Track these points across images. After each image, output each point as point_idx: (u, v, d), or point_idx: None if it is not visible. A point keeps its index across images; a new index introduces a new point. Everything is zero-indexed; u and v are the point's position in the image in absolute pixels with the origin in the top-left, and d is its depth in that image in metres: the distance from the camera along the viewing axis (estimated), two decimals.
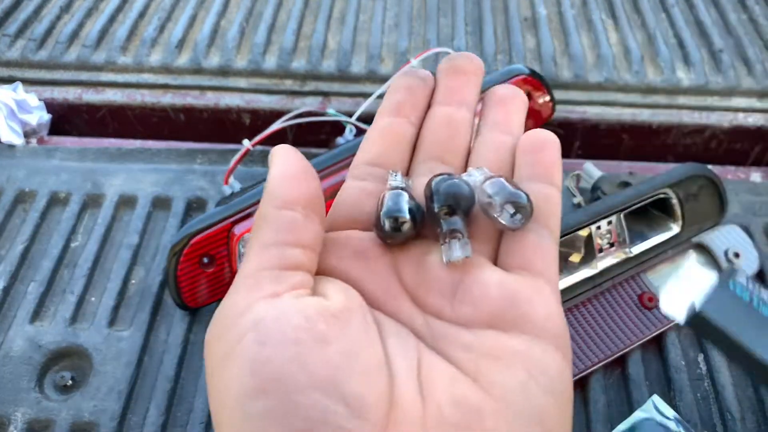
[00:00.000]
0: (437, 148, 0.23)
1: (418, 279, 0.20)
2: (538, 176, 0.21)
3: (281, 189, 0.19)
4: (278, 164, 0.20)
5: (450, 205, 0.20)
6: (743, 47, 0.60)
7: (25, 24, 0.63)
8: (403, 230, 0.20)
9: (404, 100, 0.24)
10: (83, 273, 0.46)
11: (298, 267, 0.18)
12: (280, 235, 0.19)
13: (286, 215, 0.19)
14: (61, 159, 0.53)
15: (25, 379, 0.40)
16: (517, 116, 0.24)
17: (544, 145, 0.21)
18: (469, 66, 0.24)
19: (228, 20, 0.65)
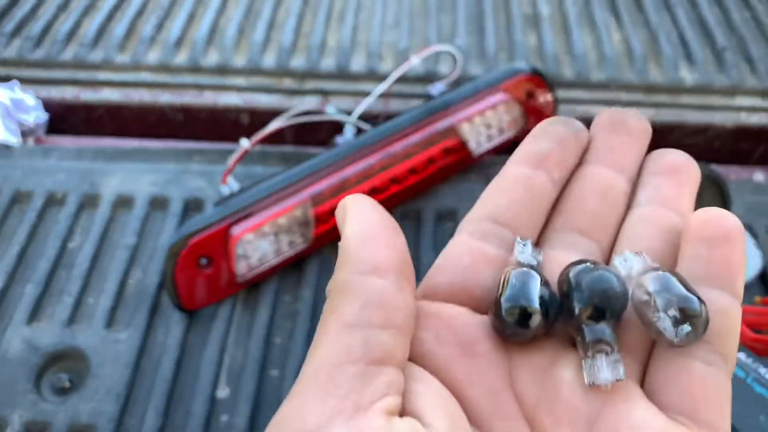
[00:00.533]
0: (583, 218, 0.18)
1: (542, 398, 0.15)
2: (713, 279, 0.16)
3: (366, 251, 0.15)
4: (356, 219, 0.16)
5: (598, 306, 0.15)
6: (747, 46, 0.60)
7: (22, 22, 0.63)
8: (531, 326, 0.15)
9: (550, 151, 0.19)
10: (80, 274, 0.45)
11: (387, 360, 0.14)
12: (367, 311, 0.14)
13: (375, 284, 0.15)
14: (58, 159, 0.53)
15: (22, 381, 0.40)
16: (689, 191, 0.19)
17: (728, 235, 0.16)
18: (637, 125, 0.20)
19: (226, 18, 0.64)
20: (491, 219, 0.18)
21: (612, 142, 0.19)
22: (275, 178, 0.43)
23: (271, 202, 0.42)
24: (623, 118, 0.20)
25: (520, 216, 0.18)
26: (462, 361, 0.16)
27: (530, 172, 0.19)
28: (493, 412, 0.15)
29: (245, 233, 0.41)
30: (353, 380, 0.14)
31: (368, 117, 0.55)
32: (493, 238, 0.18)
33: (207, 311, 0.44)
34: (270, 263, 0.44)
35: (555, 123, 0.20)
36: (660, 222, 0.18)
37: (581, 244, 0.18)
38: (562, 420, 0.15)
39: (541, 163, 0.19)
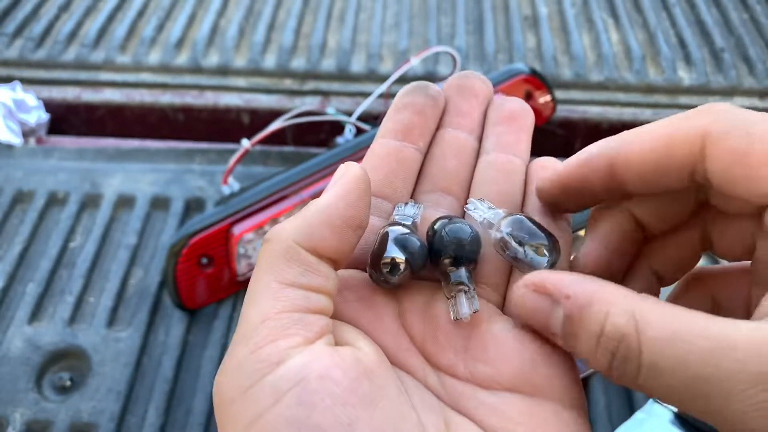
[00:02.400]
0: (444, 177, 0.21)
1: (426, 332, 0.18)
2: None
3: (319, 234, 0.17)
4: (334, 196, 0.18)
5: (454, 255, 0.18)
6: (744, 46, 0.60)
7: (24, 23, 0.63)
8: (398, 275, 0.18)
9: (412, 122, 0.22)
10: (81, 273, 0.45)
11: (322, 311, 0.17)
12: (306, 278, 0.17)
13: (317, 264, 0.17)
14: (60, 159, 0.53)
15: (24, 379, 0.40)
16: (525, 135, 0.22)
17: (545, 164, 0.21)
18: (481, 87, 0.23)
19: (227, 19, 0.64)
20: (373, 194, 0.21)
21: (461, 106, 0.22)
22: (276, 177, 0.43)
23: (272, 202, 0.43)
24: (470, 83, 0.23)
25: (395, 187, 0.21)
26: (364, 312, 0.19)
27: (398, 145, 0.21)
28: (394, 348, 0.18)
29: (246, 232, 0.42)
30: (299, 323, 0.16)
31: (368, 117, 0.55)
32: (374, 210, 0.20)
33: (208, 310, 0.44)
34: None
35: (414, 93, 0.22)
36: (502, 166, 0.21)
37: (444, 201, 0.21)
38: (443, 345, 0.18)
39: (406, 135, 0.21)
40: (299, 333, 0.16)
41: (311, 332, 0.16)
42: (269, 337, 0.16)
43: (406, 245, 0.18)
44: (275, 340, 0.16)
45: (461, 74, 0.23)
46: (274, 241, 0.17)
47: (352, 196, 0.18)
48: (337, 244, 0.17)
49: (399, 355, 0.18)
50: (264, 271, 0.17)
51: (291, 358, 0.15)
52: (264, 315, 0.16)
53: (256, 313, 0.16)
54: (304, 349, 0.16)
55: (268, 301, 0.16)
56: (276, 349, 0.15)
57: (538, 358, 0.17)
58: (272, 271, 0.17)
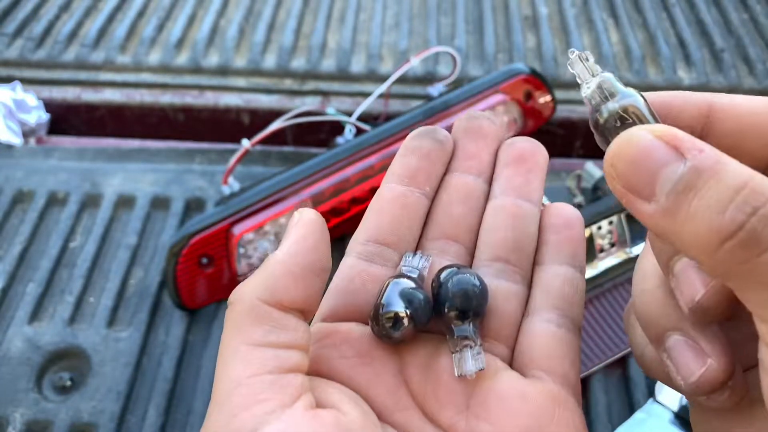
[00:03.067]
0: (451, 224, 0.21)
1: (428, 388, 0.18)
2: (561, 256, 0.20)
3: (282, 284, 0.17)
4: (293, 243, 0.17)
5: (460, 308, 0.17)
6: (744, 47, 0.60)
7: (24, 23, 0.63)
8: (400, 330, 0.17)
9: (418, 166, 0.21)
10: (82, 273, 0.45)
11: (296, 369, 0.16)
12: (273, 335, 0.16)
13: (283, 318, 0.17)
14: (60, 159, 0.53)
15: (24, 379, 0.40)
16: (536, 177, 0.21)
17: (570, 222, 0.20)
18: (490, 128, 0.22)
19: (227, 19, 0.64)
20: (375, 240, 0.20)
21: (469, 149, 0.22)
22: (276, 178, 0.43)
23: (272, 202, 0.43)
24: (478, 124, 0.22)
25: (400, 234, 0.20)
26: (362, 369, 0.18)
27: (404, 190, 0.21)
28: (392, 406, 0.18)
29: (246, 232, 0.42)
30: (273, 386, 0.15)
31: (368, 117, 0.55)
32: (378, 258, 0.20)
33: (208, 310, 0.44)
34: None
35: (420, 137, 0.22)
36: (511, 211, 0.21)
37: (451, 249, 0.21)
38: (445, 403, 0.18)
39: (412, 180, 0.21)
40: (274, 397, 0.15)
41: (286, 395, 0.16)
42: (243, 404, 0.15)
43: (410, 299, 0.18)
44: (249, 406, 0.15)
45: (469, 115, 0.22)
46: (237, 303, 0.17)
47: (309, 241, 0.17)
48: (302, 293, 0.17)
49: (396, 415, 0.18)
50: (231, 335, 0.17)
51: (268, 424, 0.15)
52: (236, 380, 0.16)
53: (228, 379, 0.16)
54: (281, 414, 0.15)
55: (238, 366, 0.16)
56: (251, 416, 0.15)
57: (545, 417, 0.17)
58: (239, 334, 0.16)
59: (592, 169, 0.49)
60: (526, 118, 0.51)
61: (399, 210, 0.21)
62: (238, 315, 0.17)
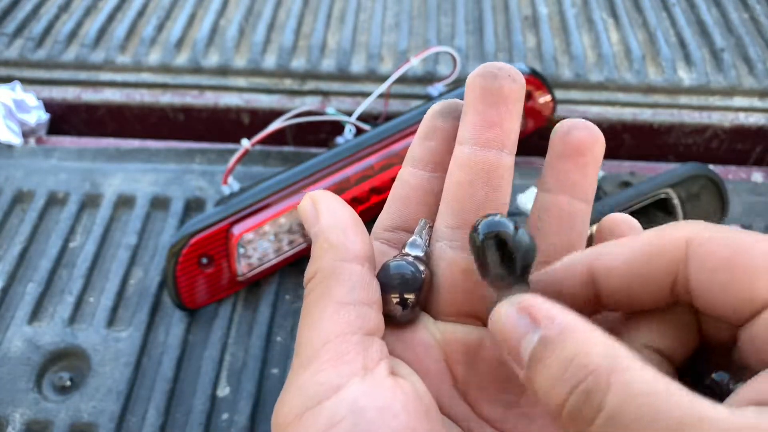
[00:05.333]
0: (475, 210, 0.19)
1: (471, 379, 0.18)
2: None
3: (348, 241, 0.18)
4: (330, 212, 0.18)
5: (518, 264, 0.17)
6: (744, 46, 0.60)
7: (24, 23, 0.63)
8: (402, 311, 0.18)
9: (443, 150, 0.20)
10: (81, 273, 0.45)
11: (376, 331, 0.17)
12: (356, 292, 0.17)
13: (358, 270, 0.17)
14: (60, 159, 0.53)
15: (24, 379, 0.40)
16: (592, 172, 0.19)
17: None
18: (511, 90, 0.19)
19: (227, 19, 0.64)
20: (398, 228, 0.20)
21: (489, 115, 0.19)
22: (276, 177, 0.43)
23: (272, 202, 0.43)
24: (498, 85, 0.19)
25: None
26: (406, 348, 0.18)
27: (428, 176, 0.20)
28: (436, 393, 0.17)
29: (246, 233, 0.42)
30: (358, 347, 0.16)
31: (368, 117, 0.55)
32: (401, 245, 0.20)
33: (208, 310, 0.44)
34: (270, 262, 0.44)
35: (442, 117, 0.20)
36: (565, 211, 0.19)
37: None
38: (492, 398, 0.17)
39: (437, 165, 0.20)
40: (359, 359, 0.16)
41: (369, 358, 0.16)
42: (330, 362, 0.16)
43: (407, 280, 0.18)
44: (336, 365, 0.16)
45: (486, 71, 0.19)
46: (319, 272, 0.18)
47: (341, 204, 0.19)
48: (358, 244, 0.18)
49: (442, 401, 0.18)
50: (317, 297, 0.17)
51: (351, 384, 0.15)
52: (324, 338, 0.16)
53: (317, 337, 0.16)
54: (365, 377, 0.15)
55: (326, 324, 0.16)
56: (336, 375, 0.15)
57: None
58: (325, 295, 0.17)
59: None
60: (526, 117, 0.51)
61: (424, 197, 0.20)
62: (322, 279, 0.17)
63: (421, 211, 0.20)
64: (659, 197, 0.43)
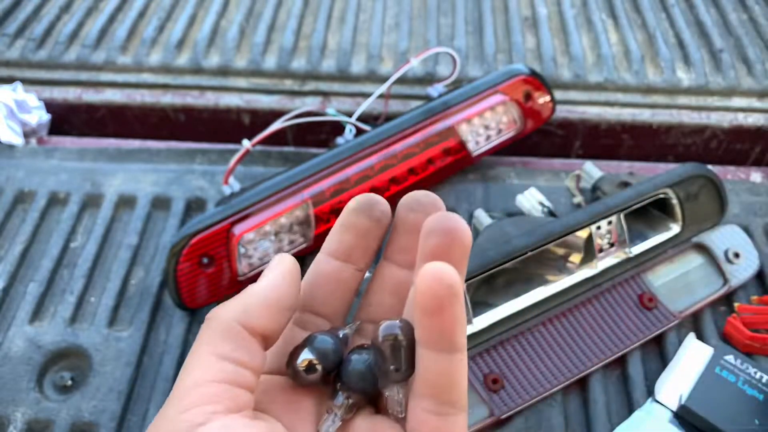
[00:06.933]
0: (381, 313, 0.23)
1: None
2: (433, 343, 0.18)
3: (256, 313, 0.20)
4: (270, 280, 0.20)
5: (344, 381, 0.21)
6: (743, 47, 0.60)
7: (25, 24, 0.63)
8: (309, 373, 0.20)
9: (356, 244, 0.22)
10: (83, 273, 0.46)
11: (248, 387, 0.19)
12: (238, 353, 0.19)
13: (247, 338, 0.20)
14: (61, 159, 0.53)
15: (25, 379, 0.40)
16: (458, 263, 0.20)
17: (441, 305, 0.17)
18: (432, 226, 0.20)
19: (227, 20, 0.64)
20: (310, 310, 0.23)
21: (405, 242, 0.22)
22: (276, 178, 0.44)
23: (272, 202, 0.43)
24: (415, 218, 0.22)
25: (333, 306, 0.23)
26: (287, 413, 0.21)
27: (340, 266, 0.23)
28: None
29: (246, 232, 0.42)
30: (225, 393, 0.18)
31: (368, 118, 0.55)
32: (312, 326, 0.23)
33: (208, 310, 0.44)
34: None
35: (358, 214, 0.22)
36: None
37: None
38: None
39: (348, 257, 0.23)
40: (224, 402, 0.18)
41: (234, 403, 0.18)
42: (196, 402, 0.18)
43: (322, 348, 0.20)
44: (201, 404, 0.18)
45: (412, 201, 0.22)
46: (214, 320, 0.20)
47: (286, 281, 0.21)
48: (270, 323, 0.20)
49: None
50: (203, 344, 0.19)
51: (212, 421, 0.18)
52: (196, 382, 0.18)
53: (190, 379, 0.19)
54: (225, 416, 0.18)
55: (201, 370, 0.19)
56: (201, 412, 0.18)
57: None
58: (210, 345, 0.19)
59: (591, 169, 0.49)
60: (526, 118, 0.51)
61: (334, 285, 0.23)
62: (212, 330, 0.20)
63: (329, 297, 0.23)
64: (658, 197, 0.43)
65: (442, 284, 0.17)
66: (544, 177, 0.52)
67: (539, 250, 0.39)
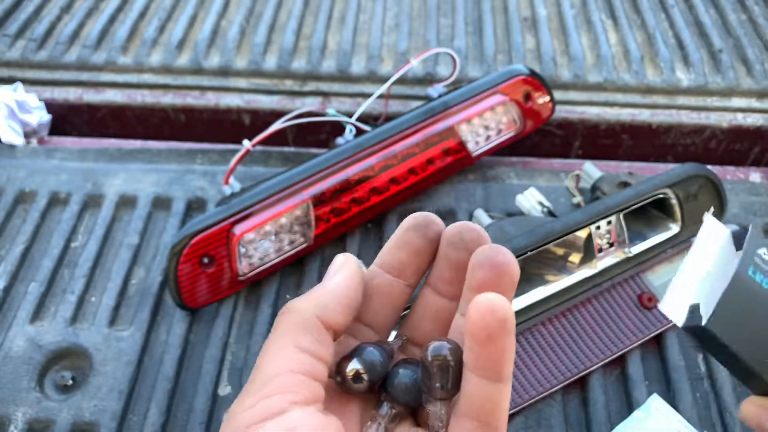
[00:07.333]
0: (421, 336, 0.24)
1: None
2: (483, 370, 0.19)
3: (335, 309, 0.21)
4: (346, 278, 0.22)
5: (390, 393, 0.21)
6: (743, 47, 0.61)
7: (26, 24, 0.63)
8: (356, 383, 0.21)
9: (408, 262, 0.23)
10: (83, 273, 0.46)
11: (321, 379, 0.20)
12: (315, 346, 0.20)
13: (324, 332, 0.21)
14: (62, 159, 0.53)
15: (26, 379, 0.40)
16: None
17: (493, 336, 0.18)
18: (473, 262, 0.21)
19: (228, 20, 0.65)
20: (359, 319, 0.24)
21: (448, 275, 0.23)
22: (276, 178, 0.44)
23: (273, 202, 0.43)
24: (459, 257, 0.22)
25: (381, 319, 0.24)
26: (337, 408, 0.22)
27: (391, 281, 0.23)
28: None
29: (247, 232, 0.42)
30: (303, 384, 0.19)
31: (368, 118, 0.55)
32: (361, 335, 0.24)
33: (209, 309, 0.44)
34: (271, 262, 0.44)
35: (414, 231, 0.23)
36: None
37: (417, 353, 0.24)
38: None
39: (400, 273, 0.23)
40: (302, 392, 0.19)
41: (311, 394, 0.19)
42: (278, 390, 0.19)
43: (370, 359, 0.21)
44: (283, 393, 0.19)
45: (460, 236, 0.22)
46: (294, 312, 0.21)
47: (355, 282, 0.22)
48: (343, 320, 0.21)
49: None
50: (283, 335, 0.20)
51: (292, 410, 0.19)
52: (277, 371, 0.19)
53: (272, 368, 0.20)
54: (303, 407, 0.19)
55: (282, 360, 0.20)
56: (281, 400, 0.19)
57: None
58: (290, 336, 0.20)
59: (591, 169, 0.50)
60: (526, 118, 0.51)
61: (385, 298, 0.23)
62: (293, 322, 0.21)
63: (378, 310, 0.23)
64: (658, 197, 0.43)
65: (495, 316, 0.18)
66: (543, 177, 0.52)
67: (539, 250, 0.39)
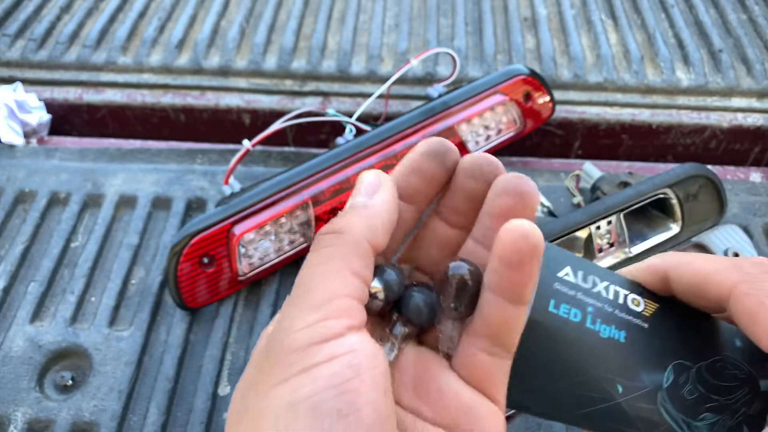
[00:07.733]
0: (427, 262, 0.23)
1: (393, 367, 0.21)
2: (505, 291, 0.19)
3: (381, 231, 0.21)
4: (386, 196, 0.21)
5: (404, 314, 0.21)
6: (743, 47, 0.61)
7: (25, 24, 0.63)
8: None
9: (419, 189, 0.22)
10: (83, 273, 0.46)
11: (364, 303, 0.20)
12: (366, 271, 0.20)
13: (372, 256, 0.20)
14: (61, 159, 0.53)
15: (26, 379, 0.40)
16: None
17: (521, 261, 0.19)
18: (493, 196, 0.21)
19: (228, 20, 0.65)
20: None
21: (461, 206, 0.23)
22: (276, 178, 0.44)
23: (273, 202, 0.43)
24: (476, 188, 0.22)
25: (390, 243, 0.23)
26: None
27: (403, 206, 0.23)
28: None
29: (247, 232, 0.42)
30: (355, 309, 0.19)
31: (368, 118, 0.55)
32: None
33: (209, 309, 0.44)
34: (271, 262, 0.44)
35: (429, 158, 0.22)
36: None
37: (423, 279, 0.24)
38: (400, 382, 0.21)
39: (412, 198, 0.23)
40: (356, 317, 0.19)
41: (362, 319, 0.19)
42: (336, 313, 0.19)
43: (387, 277, 0.21)
44: (340, 316, 0.19)
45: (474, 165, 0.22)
46: (348, 234, 0.20)
47: (395, 204, 0.21)
48: (385, 242, 0.21)
49: None
50: (337, 257, 0.20)
51: (349, 334, 0.19)
52: (334, 293, 0.19)
53: (328, 291, 0.19)
54: (358, 332, 0.19)
55: (338, 283, 0.19)
56: (339, 324, 0.19)
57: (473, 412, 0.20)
58: (345, 260, 0.20)
59: (591, 169, 0.50)
60: (526, 118, 0.51)
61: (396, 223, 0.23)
62: (347, 244, 0.20)
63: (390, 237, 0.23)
64: (658, 197, 0.43)
65: (527, 241, 0.19)
66: (543, 177, 0.52)
67: None
